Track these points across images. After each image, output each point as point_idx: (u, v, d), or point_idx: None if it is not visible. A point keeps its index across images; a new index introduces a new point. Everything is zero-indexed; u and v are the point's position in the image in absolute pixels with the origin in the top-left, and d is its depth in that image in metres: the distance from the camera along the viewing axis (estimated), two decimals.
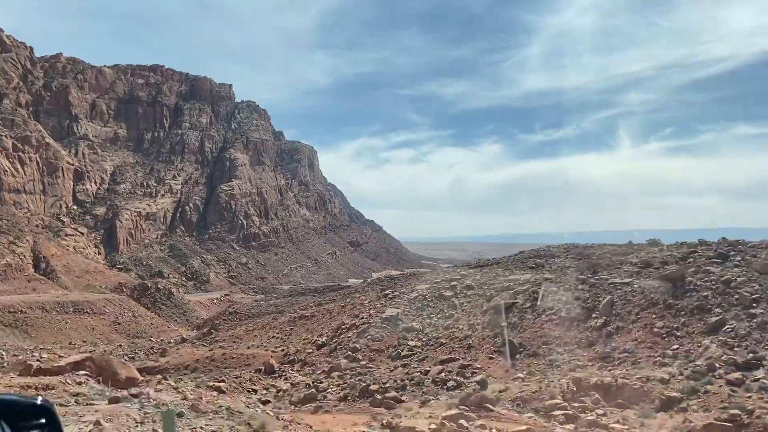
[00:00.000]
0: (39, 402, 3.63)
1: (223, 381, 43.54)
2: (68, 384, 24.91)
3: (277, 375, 45.11)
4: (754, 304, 33.92)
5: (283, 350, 54.25)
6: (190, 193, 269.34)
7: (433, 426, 24.25)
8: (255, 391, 38.82)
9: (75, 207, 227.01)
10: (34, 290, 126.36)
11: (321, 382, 38.87)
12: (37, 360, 60.20)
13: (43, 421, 3.55)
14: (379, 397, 32.54)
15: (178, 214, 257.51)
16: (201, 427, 17.87)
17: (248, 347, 59.71)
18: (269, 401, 35.24)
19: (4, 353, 65.03)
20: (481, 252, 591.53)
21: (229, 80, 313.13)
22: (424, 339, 46.17)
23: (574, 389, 29.76)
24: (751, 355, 30.10)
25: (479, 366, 38.20)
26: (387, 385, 35.46)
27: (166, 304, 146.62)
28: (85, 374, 28.63)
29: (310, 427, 24.31)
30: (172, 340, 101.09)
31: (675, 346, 33.21)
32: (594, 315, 38.17)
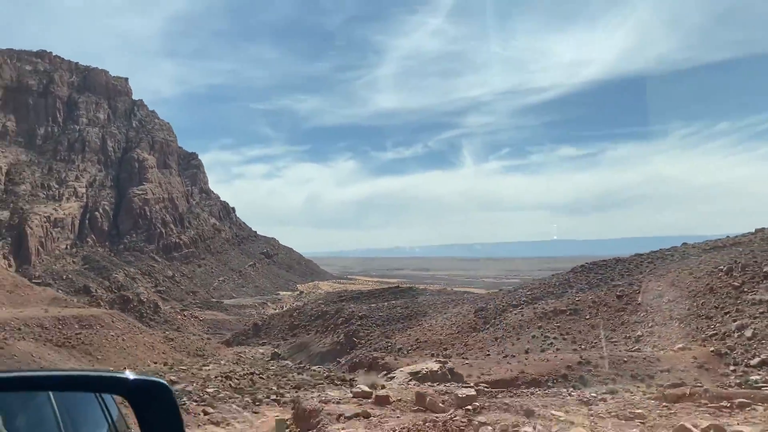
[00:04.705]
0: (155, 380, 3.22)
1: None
2: None
3: None
4: None
5: None
6: (98, 197, 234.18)
7: None
8: None
9: None
10: None
11: None
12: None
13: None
14: None
15: (87, 221, 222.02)
16: None
17: (574, 350, 47.53)
18: None
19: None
20: (347, 266, 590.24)
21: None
22: None
23: None
24: None
25: None
26: None
27: (155, 319, 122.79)
28: None
29: None
30: (258, 355, 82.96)
31: None
32: None
